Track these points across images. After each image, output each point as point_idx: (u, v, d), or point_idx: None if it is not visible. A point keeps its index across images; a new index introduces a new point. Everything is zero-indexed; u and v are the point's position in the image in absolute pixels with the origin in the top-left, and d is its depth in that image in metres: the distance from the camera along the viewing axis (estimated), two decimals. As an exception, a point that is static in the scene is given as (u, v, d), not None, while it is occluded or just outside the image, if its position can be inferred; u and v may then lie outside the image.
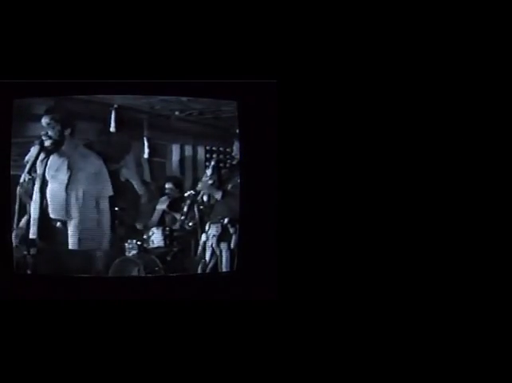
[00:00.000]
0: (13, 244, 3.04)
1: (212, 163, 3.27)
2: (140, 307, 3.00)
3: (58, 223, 3.12)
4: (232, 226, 3.23)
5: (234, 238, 3.23)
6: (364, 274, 3.04)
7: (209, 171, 3.27)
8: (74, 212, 3.13)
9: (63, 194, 3.12)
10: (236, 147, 3.21)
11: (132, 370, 2.93)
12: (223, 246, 3.24)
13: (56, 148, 3.13)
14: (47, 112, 3.09)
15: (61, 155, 3.14)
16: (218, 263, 3.23)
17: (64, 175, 3.13)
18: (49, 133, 3.10)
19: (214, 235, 3.26)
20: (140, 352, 2.96)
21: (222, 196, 3.27)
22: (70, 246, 3.12)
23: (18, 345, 2.92)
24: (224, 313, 3.01)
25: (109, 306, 2.98)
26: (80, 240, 3.12)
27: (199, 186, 3.28)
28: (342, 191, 3.05)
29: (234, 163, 3.23)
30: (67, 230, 3.12)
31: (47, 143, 3.11)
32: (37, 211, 3.09)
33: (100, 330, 2.97)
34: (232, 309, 3.01)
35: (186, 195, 3.28)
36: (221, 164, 3.28)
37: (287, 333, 3.00)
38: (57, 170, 3.13)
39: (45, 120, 3.09)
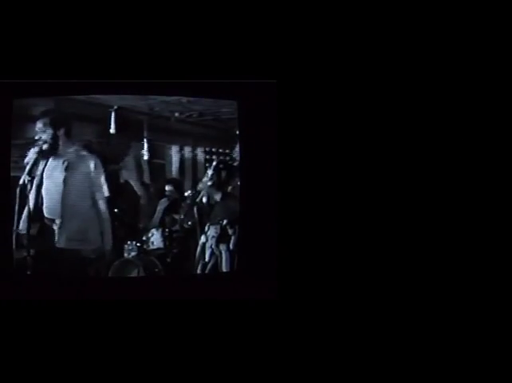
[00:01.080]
0: (13, 245, 3.03)
1: (214, 163, 3.27)
2: (140, 308, 2.99)
3: (53, 223, 3.12)
4: (231, 227, 3.23)
5: (233, 239, 3.22)
6: (364, 274, 3.03)
7: (210, 172, 3.27)
8: (68, 212, 3.12)
9: (57, 194, 3.12)
10: (237, 149, 3.22)
11: (132, 370, 2.92)
12: (222, 247, 3.24)
13: (54, 150, 3.13)
14: (41, 116, 3.09)
15: (58, 156, 3.14)
16: (218, 264, 3.23)
17: (59, 176, 3.13)
18: (43, 137, 3.10)
19: (213, 237, 3.25)
20: (140, 352, 2.95)
21: (222, 198, 3.27)
22: (57, 245, 3.11)
23: (18, 345, 2.91)
24: (224, 314, 3.00)
25: (109, 306, 2.97)
26: (69, 239, 3.11)
27: (200, 186, 3.28)
28: (342, 191, 3.05)
29: (235, 164, 3.23)
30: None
31: (44, 146, 3.10)
32: (32, 210, 3.08)
33: (99, 330, 2.96)
34: (232, 309, 3.00)
35: (186, 194, 3.28)
36: (221, 165, 3.28)
37: (287, 333, 3.00)
38: (54, 170, 3.13)
39: (38, 125, 3.09)
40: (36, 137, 3.09)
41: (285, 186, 3.04)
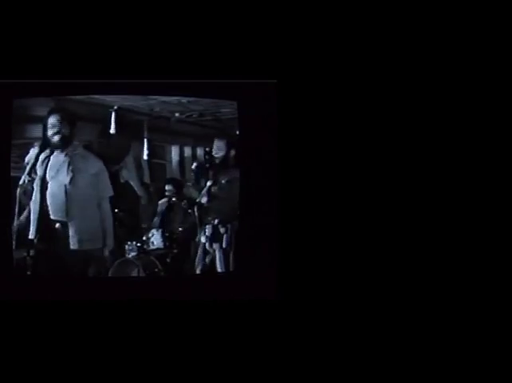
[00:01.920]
0: (13, 245, 3.03)
1: (193, 167, 3.27)
2: (140, 308, 3.00)
3: (58, 224, 3.11)
4: (223, 226, 3.23)
5: (225, 237, 3.22)
6: (364, 274, 3.04)
7: (191, 177, 3.27)
8: (75, 213, 3.12)
9: (63, 195, 3.11)
10: (216, 145, 3.22)
11: (132, 370, 2.93)
12: (216, 246, 3.24)
13: (57, 149, 3.12)
14: (54, 111, 3.08)
15: (61, 156, 3.14)
16: (214, 263, 3.23)
17: (64, 177, 3.12)
18: (62, 131, 3.09)
19: (207, 236, 3.25)
20: (140, 352, 2.96)
21: (208, 201, 3.26)
22: (72, 247, 3.11)
23: (18, 346, 2.92)
24: (223, 314, 3.01)
25: (109, 306, 2.97)
26: (81, 241, 3.11)
27: (188, 192, 3.28)
28: (342, 191, 3.06)
29: (217, 162, 3.23)
30: (66, 231, 3.11)
31: (56, 138, 3.09)
32: (37, 212, 3.08)
33: (99, 331, 2.97)
34: (231, 309, 3.01)
35: (183, 203, 3.28)
36: (201, 167, 3.27)
37: (285, 333, 3.00)
38: (58, 171, 3.12)
39: (53, 119, 3.08)
40: (50, 131, 3.08)
41: (285, 186, 3.05)
